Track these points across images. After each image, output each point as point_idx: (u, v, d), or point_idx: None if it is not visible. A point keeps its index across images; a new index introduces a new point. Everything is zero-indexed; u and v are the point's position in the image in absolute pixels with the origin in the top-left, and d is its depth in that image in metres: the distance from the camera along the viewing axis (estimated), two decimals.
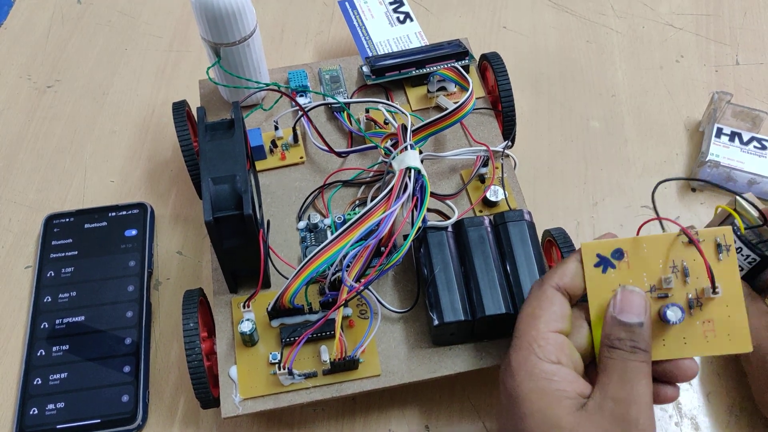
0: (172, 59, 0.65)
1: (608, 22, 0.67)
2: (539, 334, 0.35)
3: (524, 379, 0.35)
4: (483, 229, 0.43)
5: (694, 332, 0.36)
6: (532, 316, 0.36)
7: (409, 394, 0.46)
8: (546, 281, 0.37)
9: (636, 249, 0.36)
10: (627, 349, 0.34)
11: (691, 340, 0.36)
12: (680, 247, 0.36)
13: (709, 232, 0.36)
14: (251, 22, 0.48)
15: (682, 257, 0.36)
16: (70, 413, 0.45)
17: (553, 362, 0.35)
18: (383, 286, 0.45)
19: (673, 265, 0.36)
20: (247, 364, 0.42)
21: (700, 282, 0.36)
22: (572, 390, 0.34)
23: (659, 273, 0.36)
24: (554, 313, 0.36)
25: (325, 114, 0.53)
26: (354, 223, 0.41)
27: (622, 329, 0.35)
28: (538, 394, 0.34)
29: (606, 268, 0.37)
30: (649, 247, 0.36)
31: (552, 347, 0.35)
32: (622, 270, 0.36)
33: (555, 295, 0.37)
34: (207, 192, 0.39)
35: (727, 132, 0.56)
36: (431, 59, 0.53)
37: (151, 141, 0.60)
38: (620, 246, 0.36)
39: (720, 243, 0.36)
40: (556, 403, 0.34)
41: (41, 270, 0.51)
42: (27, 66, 0.65)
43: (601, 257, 0.37)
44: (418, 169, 0.43)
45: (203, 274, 0.52)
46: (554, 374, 0.34)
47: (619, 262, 0.36)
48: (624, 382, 0.34)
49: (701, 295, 0.36)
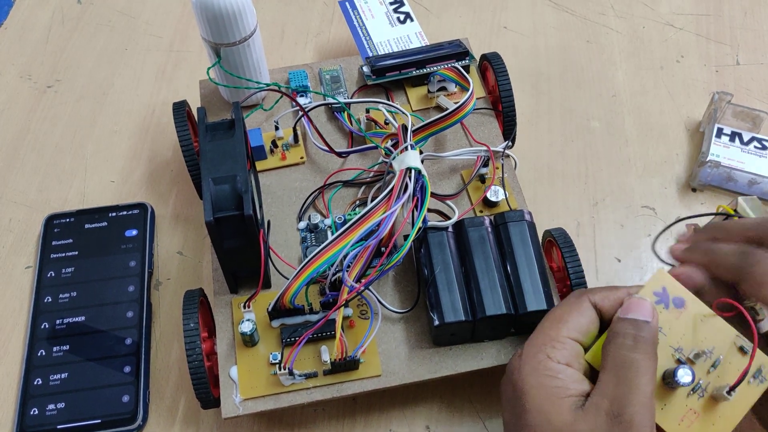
0: (172, 59, 0.65)
1: (608, 22, 0.67)
2: (558, 335, 0.36)
3: (529, 374, 0.35)
4: (483, 229, 0.43)
5: (677, 410, 0.36)
6: (558, 319, 0.37)
7: (409, 394, 0.46)
8: (587, 294, 0.38)
9: (696, 314, 0.37)
10: (629, 340, 0.34)
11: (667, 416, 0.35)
12: (732, 345, 0.36)
13: (760, 356, 0.36)
14: (251, 22, 0.48)
15: (725, 353, 0.36)
16: (70, 413, 0.45)
17: (562, 363, 0.35)
18: (384, 287, 0.45)
19: (711, 351, 0.36)
20: (247, 365, 0.42)
21: (719, 381, 0.36)
22: (576, 389, 0.34)
23: (694, 346, 0.36)
24: (581, 324, 0.36)
25: (325, 114, 0.53)
26: (354, 224, 0.41)
27: (627, 324, 0.35)
28: (540, 390, 0.34)
29: (660, 302, 0.37)
30: (707, 323, 0.36)
31: (566, 352, 0.35)
32: (669, 316, 0.37)
33: (589, 309, 0.37)
34: (207, 192, 0.39)
35: (727, 132, 0.56)
36: (432, 59, 0.53)
37: (152, 141, 0.60)
38: (687, 299, 0.37)
39: (762, 369, 0.36)
40: (556, 400, 0.34)
41: (42, 270, 0.51)
42: (27, 66, 0.65)
43: (665, 292, 0.37)
44: (418, 170, 0.43)
45: (204, 274, 0.52)
46: (559, 372, 0.35)
47: (675, 309, 0.37)
48: (621, 379, 0.34)
49: (716, 388, 0.36)
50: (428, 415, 0.46)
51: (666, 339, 0.36)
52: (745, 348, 0.36)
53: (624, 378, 0.34)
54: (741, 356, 0.36)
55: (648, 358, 0.34)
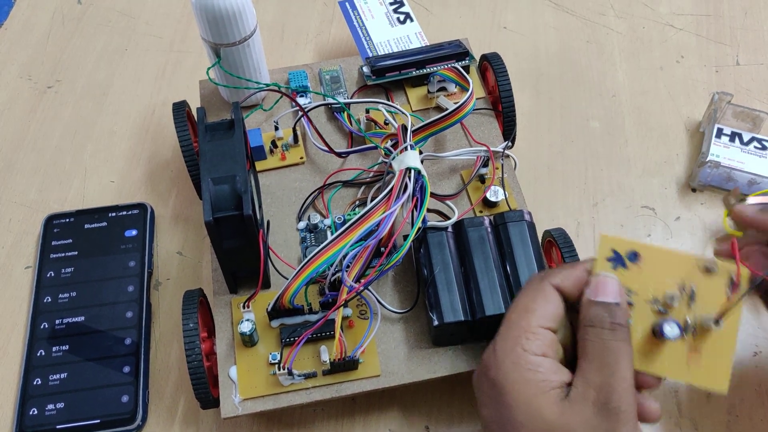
0: (172, 60, 0.65)
1: (608, 23, 0.67)
2: (530, 327, 0.35)
3: (510, 369, 0.35)
4: (483, 229, 0.43)
5: (679, 356, 0.36)
6: (525, 309, 0.36)
7: (409, 394, 0.46)
8: (547, 278, 0.37)
9: (653, 257, 0.36)
10: (606, 327, 0.34)
11: (673, 362, 0.35)
12: (696, 271, 0.36)
13: (727, 267, 0.35)
14: (251, 22, 0.48)
15: (695, 281, 0.36)
16: (69, 413, 0.45)
17: (539, 355, 0.35)
18: (383, 287, 0.45)
19: (682, 286, 0.36)
20: (246, 365, 0.42)
21: (702, 310, 0.36)
22: (557, 380, 0.34)
23: (666, 287, 0.36)
24: (548, 311, 0.36)
25: (325, 114, 0.53)
26: (354, 224, 0.41)
27: (599, 307, 0.35)
28: (524, 385, 0.34)
29: (617, 265, 0.36)
30: (666, 261, 0.36)
31: (540, 342, 0.35)
32: (632, 272, 0.36)
33: (552, 293, 0.36)
34: (207, 192, 0.39)
35: (727, 132, 0.56)
36: (431, 60, 0.53)
37: (152, 141, 0.60)
38: (639, 250, 0.36)
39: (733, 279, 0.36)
40: (541, 393, 0.34)
41: (41, 270, 0.51)
42: (27, 66, 0.65)
43: (616, 254, 0.36)
44: (418, 170, 0.43)
45: (203, 274, 0.52)
46: (539, 365, 0.34)
47: (632, 264, 0.36)
48: (604, 367, 0.33)
49: (701, 322, 0.35)
50: (428, 415, 0.46)
51: (639, 296, 0.36)
52: (708, 266, 0.36)
53: (606, 365, 0.33)
54: (710, 277, 0.36)
55: (626, 343, 0.34)
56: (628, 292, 0.36)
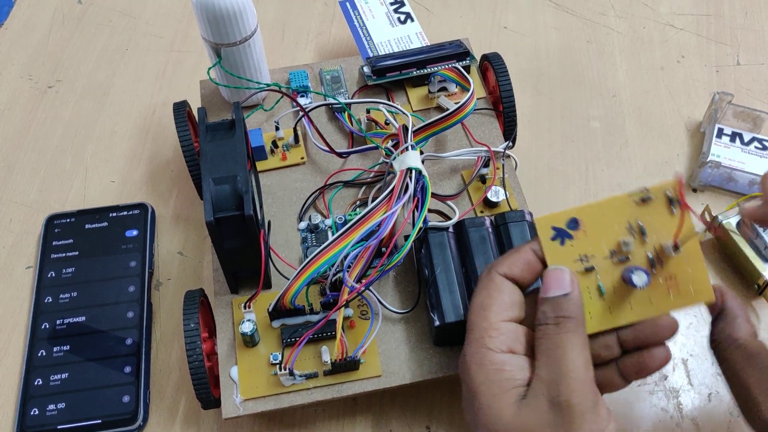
0: (172, 59, 0.65)
1: (609, 22, 0.67)
2: (490, 325, 0.35)
3: (476, 372, 0.34)
4: (484, 229, 0.43)
5: (659, 290, 0.35)
6: (481, 306, 0.35)
7: (410, 394, 0.46)
8: (494, 269, 0.36)
9: (591, 216, 0.36)
10: (551, 322, 0.34)
11: (657, 298, 0.35)
12: (634, 207, 0.35)
13: (660, 188, 0.35)
14: (252, 22, 0.48)
15: (637, 217, 0.35)
16: (70, 414, 0.45)
17: (504, 352, 0.34)
18: (384, 287, 0.45)
19: (629, 227, 0.36)
20: (248, 365, 0.42)
21: (659, 239, 0.35)
22: (522, 377, 0.34)
23: (616, 236, 0.36)
24: (504, 302, 0.35)
25: (326, 114, 0.53)
26: (355, 224, 0.41)
27: (546, 304, 0.35)
28: (488, 386, 0.34)
29: (563, 239, 0.36)
30: (603, 212, 0.36)
31: (504, 337, 0.34)
32: (579, 239, 0.36)
33: (503, 283, 0.36)
34: (208, 192, 0.39)
35: (728, 132, 0.56)
36: (432, 60, 0.53)
37: (152, 141, 0.60)
38: (575, 215, 0.36)
39: (671, 197, 0.35)
40: (501, 394, 0.33)
41: (42, 270, 0.51)
42: (28, 66, 0.65)
43: (557, 229, 0.36)
44: (419, 170, 0.43)
45: (204, 274, 0.52)
46: (504, 364, 0.34)
47: (576, 231, 0.36)
48: (551, 361, 0.33)
49: (660, 252, 0.35)
50: (429, 416, 0.46)
51: (597, 256, 0.36)
52: (643, 197, 0.35)
53: (554, 359, 0.33)
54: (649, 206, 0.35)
55: (573, 334, 0.34)
56: (585, 258, 0.36)
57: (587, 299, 0.36)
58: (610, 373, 0.36)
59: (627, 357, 0.36)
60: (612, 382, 0.37)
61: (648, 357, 0.35)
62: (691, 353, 0.48)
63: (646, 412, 0.46)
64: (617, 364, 0.36)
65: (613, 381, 0.37)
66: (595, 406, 0.32)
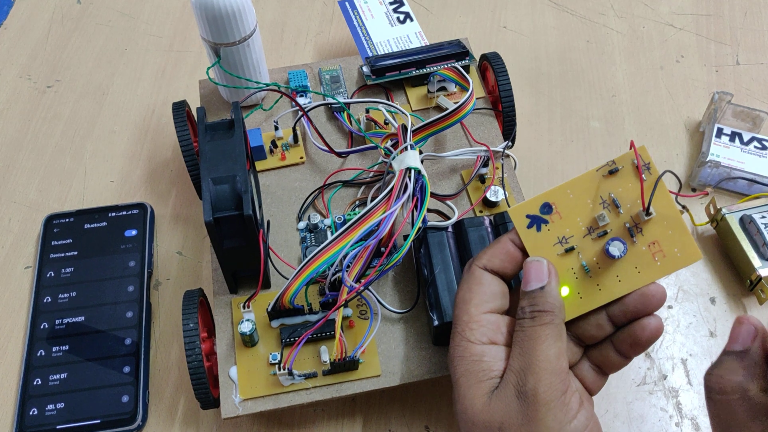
0: (172, 59, 0.65)
1: (608, 22, 0.67)
2: (471, 318, 0.35)
3: (458, 364, 0.35)
4: (483, 229, 0.43)
5: (644, 259, 0.36)
6: (463, 300, 0.36)
7: (409, 394, 0.46)
8: (474, 262, 0.37)
9: (562, 197, 0.36)
10: (527, 316, 0.34)
11: (644, 267, 0.35)
12: (603, 180, 0.36)
13: (625, 157, 0.35)
14: (251, 22, 0.48)
15: (608, 190, 0.36)
16: (70, 413, 0.45)
17: (484, 343, 0.35)
18: (383, 287, 0.45)
19: (602, 201, 0.36)
20: (247, 365, 0.42)
21: (632, 208, 0.35)
22: (500, 368, 0.34)
23: (591, 212, 0.36)
24: (484, 294, 0.36)
25: (325, 114, 0.53)
26: (354, 224, 0.41)
27: (524, 298, 0.35)
28: (466, 377, 0.34)
29: (539, 226, 0.36)
30: (574, 191, 0.36)
31: (484, 329, 0.35)
32: (555, 222, 0.36)
33: (483, 275, 0.36)
34: (207, 192, 0.39)
35: (727, 132, 0.56)
36: (431, 59, 0.53)
37: (151, 141, 0.60)
38: (546, 200, 0.36)
39: (638, 164, 0.35)
40: (477, 384, 0.34)
41: (41, 270, 0.51)
42: (27, 66, 0.65)
43: (531, 217, 0.36)
44: (418, 170, 0.43)
45: (203, 274, 0.52)
46: (483, 355, 0.34)
47: (550, 215, 0.36)
48: (523, 352, 0.33)
49: (638, 220, 0.35)
50: (428, 415, 0.46)
51: (576, 236, 0.36)
52: (611, 170, 0.36)
53: (526, 350, 0.33)
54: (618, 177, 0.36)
55: (547, 326, 0.34)
56: (564, 240, 0.36)
57: (573, 280, 0.36)
58: (606, 352, 0.37)
59: (620, 332, 0.36)
60: (610, 360, 0.37)
61: (639, 329, 0.35)
62: (691, 353, 0.48)
63: (645, 412, 0.46)
64: (612, 342, 0.37)
65: (611, 359, 0.37)
66: (563, 395, 0.33)
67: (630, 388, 0.47)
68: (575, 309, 0.36)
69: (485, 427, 0.33)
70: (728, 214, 0.50)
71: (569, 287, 0.36)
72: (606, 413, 0.46)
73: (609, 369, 0.37)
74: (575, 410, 0.33)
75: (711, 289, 0.51)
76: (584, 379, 0.37)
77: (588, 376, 0.37)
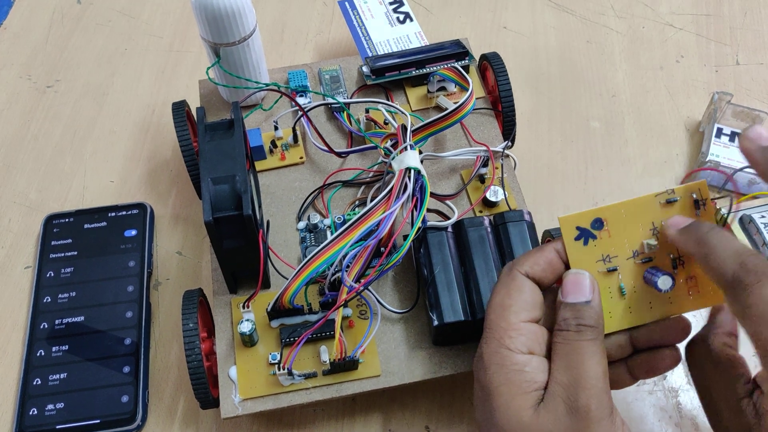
0: (172, 59, 0.65)
1: (608, 22, 0.67)
2: (510, 325, 0.34)
3: (496, 372, 0.34)
4: (483, 229, 0.43)
5: (679, 291, 0.36)
6: (501, 306, 0.35)
7: (409, 394, 0.46)
8: (515, 267, 0.36)
9: (615, 216, 0.36)
10: (572, 329, 0.34)
11: (677, 298, 0.36)
12: (658, 207, 0.36)
13: (685, 189, 0.35)
14: (251, 22, 0.48)
15: (662, 217, 0.36)
16: (69, 413, 0.45)
17: (524, 353, 0.34)
18: (383, 287, 0.45)
19: (653, 227, 0.36)
20: (246, 365, 0.42)
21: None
22: (542, 380, 0.34)
23: (640, 237, 0.36)
24: (525, 302, 0.35)
25: (324, 114, 0.53)
26: (354, 224, 0.41)
27: (567, 310, 0.34)
28: (508, 387, 0.33)
29: (587, 239, 0.36)
30: (628, 212, 0.36)
31: (524, 338, 0.34)
32: (603, 239, 0.36)
33: (525, 282, 0.35)
34: (207, 192, 0.39)
35: (727, 132, 0.56)
36: (431, 59, 0.53)
37: (151, 141, 0.60)
38: (599, 215, 0.36)
39: (697, 198, 0.35)
40: (521, 395, 0.33)
41: (41, 270, 0.51)
42: (27, 66, 0.65)
43: (581, 229, 0.36)
44: (417, 170, 0.43)
45: (203, 274, 0.52)
46: (525, 365, 0.34)
47: (600, 231, 0.36)
48: (570, 366, 0.33)
49: (683, 252, 0.35)
50: (428, 415, 0.46)
51: (620, 257, 0.36)
52: (669, 199, 0.35)
53: (573, 364, 0.33)
54: (674, 207, 0.35)
55: (593, 342, 0.33)
56: (607, 258, 0.36)
57: (608, 299, 0.36)
58: (619, 370, 0.37)
59: (637, 356, 0.36)
60: (620, 379, 0.37)
61: (659, 358, 0.36)
62: None
63: (645, 411, 0.46)
64: (626, 363, 0.37)
65: (621, 378, 0.37)
66: (611, 414, 0.33)
67: (630, 388, 0.47)
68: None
69: None
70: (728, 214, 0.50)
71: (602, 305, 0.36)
72: None
73: (615, 386, 0.37)
74: (621, 430, 0.33)
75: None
76: None
77: None
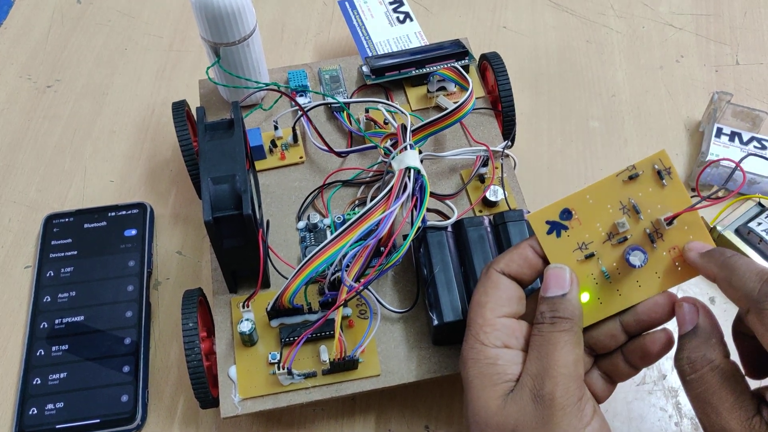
0: (171, 59, 0.65)
1: (608, 22, 0.67)
2: (486, 321, 0.35)
3: (471, 366, 0.35)
4: (483, 228, 0.43)
5: (664, 264, 0.35)
6: (478, 304, 0.36)
7: (408, 394, 0.46)
8: (492, 266, 0.37)
9: (581, 203, 0.36)
10: (547, 321, 0.34)
11: (664, 272, 0.35)
12: (622, 186, 0.36)
13: (646, 162, 0.35)
14: (251, 21, 0.48)
15: (628, 195, 0.36)
16: (69, 413, 0.45)
17: (499, 347, 0.35)
18: (383, 286, 0.45)
19: (622, 206, 0.36)
20: (246, 364, 0.42)
21: (653, 213, 0.35)
22: (515, 372, 0.34)
23: (611, 218, 0.36)
24: (500, 298, 0.36)
25: (324, 114, 0.53)
26: (353, 223, 0.41)
27: (544, 303, 0.35)
28: (480, 379, 0.34)
29: (559, 231, 0.36)
30: (593, 197, 0.36)
31: (499, 332, 0.35)
32: (575, 228, 0.36)
33: (500, 279, 0.36)
34: (206, 192, 0.39)
35: (727, 132, 0.56)
36: (431, 59, 0.53)
37: (151, 141, 0.60)
38: (565, 205, 0.36)
39: (659, 169, 0.35)
40: (490, 387, 0.34)
41: (41, 270, 0.51)
42: (27, 66, 0.65)
43: (550, 223, 0.36)
44: (417, 169, 0.43)
45: (203, 274, 0.52)
46: (498, 358, 0.34)
47: (570, 221, 0.36)
48: (541, 356, 0.33)
49: (658, 225, 0.35)
50: (428, 415, 0.46)
51: (595, 242, 0.36)
52: (631, 175, 0.35)
53: (543, 354, 0.33)
54: (638, 182, 0.35)
55: (566, 333, 0.34)
56: (583, 246, 0.36)
57: (594, 286, 0.36)
58: (616, 361, 0.37)
59: (630, 343, 0.36)
60: (620, 369, 0.37)
61: (650, 342, 0.36)
62: None
63: (644, 411, 0.46)
64: (622, 353, 0.37)
65: (621, 368, 0.37)
66: (579, 401, 0.33)
67: (630, 388, 0.47)
68: (595, 314, 0.36)
69: (498, 429, 0.33)
70: (723, 230, 0.50)
71: (590, 293, 0.36)
72: (606, 413, 0.46)
73: (618, 378, 0.37)
74: (589, 417, 0.33)
75: (710, 289, 0.51)
76: (593, 387, 0.37)
77: (597, 384, 0.37)
